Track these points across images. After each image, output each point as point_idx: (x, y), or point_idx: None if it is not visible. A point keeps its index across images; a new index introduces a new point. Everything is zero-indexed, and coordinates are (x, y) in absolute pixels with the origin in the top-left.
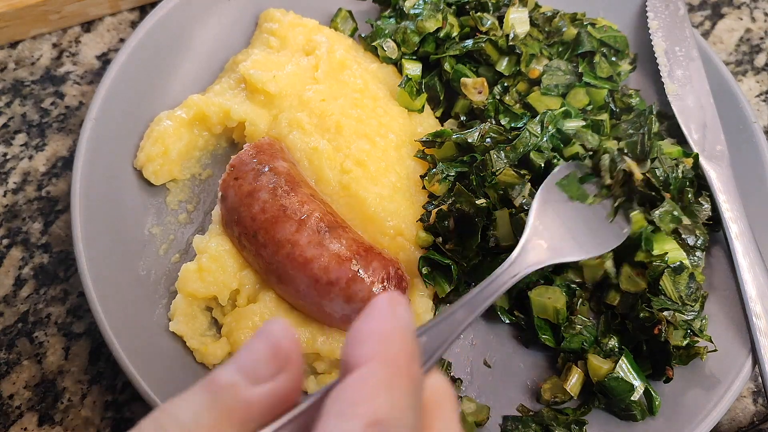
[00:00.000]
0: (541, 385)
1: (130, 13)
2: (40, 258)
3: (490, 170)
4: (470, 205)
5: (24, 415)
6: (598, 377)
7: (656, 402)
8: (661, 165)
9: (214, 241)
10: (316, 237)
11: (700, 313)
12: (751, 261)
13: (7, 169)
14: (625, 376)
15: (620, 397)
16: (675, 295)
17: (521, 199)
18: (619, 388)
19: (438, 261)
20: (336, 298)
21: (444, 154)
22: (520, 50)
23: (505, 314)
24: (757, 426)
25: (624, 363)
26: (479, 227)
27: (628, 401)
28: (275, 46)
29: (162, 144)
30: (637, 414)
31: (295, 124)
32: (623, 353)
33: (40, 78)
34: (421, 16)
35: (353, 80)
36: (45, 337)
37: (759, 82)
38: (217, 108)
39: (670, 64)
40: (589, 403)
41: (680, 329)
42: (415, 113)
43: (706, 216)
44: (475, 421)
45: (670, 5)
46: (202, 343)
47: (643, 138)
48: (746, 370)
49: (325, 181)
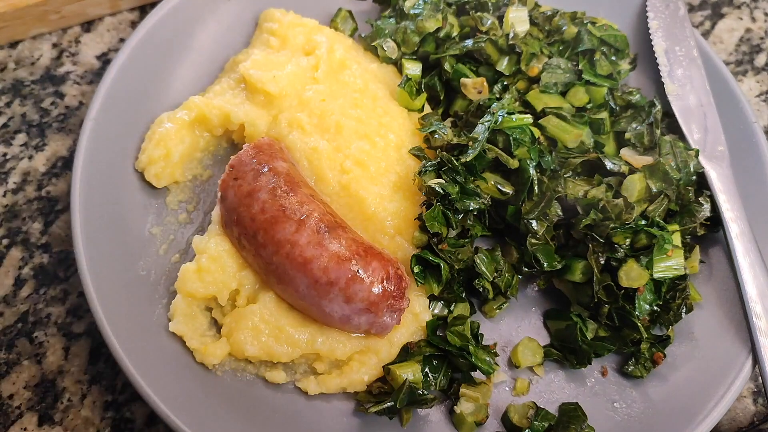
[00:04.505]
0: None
1: (130, 13)
2: (40, 258)
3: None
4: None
5: (24, 415)
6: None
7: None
8: (675, 158)
9: (213, 242)
10: (316, 237)
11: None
12: (751, 261)
13: (7, 169)
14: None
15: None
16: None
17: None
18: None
19: (429, 260)
20: (335, 298)
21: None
22: (520, 49)
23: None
24: (757, 426)
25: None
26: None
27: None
28: (275, 46)
29: (164, 146)
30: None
31: (294, 124)
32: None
33: (40, 78)
34: (421, 16)
35: (353, 80)
36: (45, 337)
37: (759, 82)
38: (218, 110)
39: (670, 64)
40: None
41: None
42: (415, 113)
43: (706, 216)
44: (475, 421)
45: (670, 5)
46: (201, 343)
47: (651, 128)
48: (746, 370)
49: (324, 181)
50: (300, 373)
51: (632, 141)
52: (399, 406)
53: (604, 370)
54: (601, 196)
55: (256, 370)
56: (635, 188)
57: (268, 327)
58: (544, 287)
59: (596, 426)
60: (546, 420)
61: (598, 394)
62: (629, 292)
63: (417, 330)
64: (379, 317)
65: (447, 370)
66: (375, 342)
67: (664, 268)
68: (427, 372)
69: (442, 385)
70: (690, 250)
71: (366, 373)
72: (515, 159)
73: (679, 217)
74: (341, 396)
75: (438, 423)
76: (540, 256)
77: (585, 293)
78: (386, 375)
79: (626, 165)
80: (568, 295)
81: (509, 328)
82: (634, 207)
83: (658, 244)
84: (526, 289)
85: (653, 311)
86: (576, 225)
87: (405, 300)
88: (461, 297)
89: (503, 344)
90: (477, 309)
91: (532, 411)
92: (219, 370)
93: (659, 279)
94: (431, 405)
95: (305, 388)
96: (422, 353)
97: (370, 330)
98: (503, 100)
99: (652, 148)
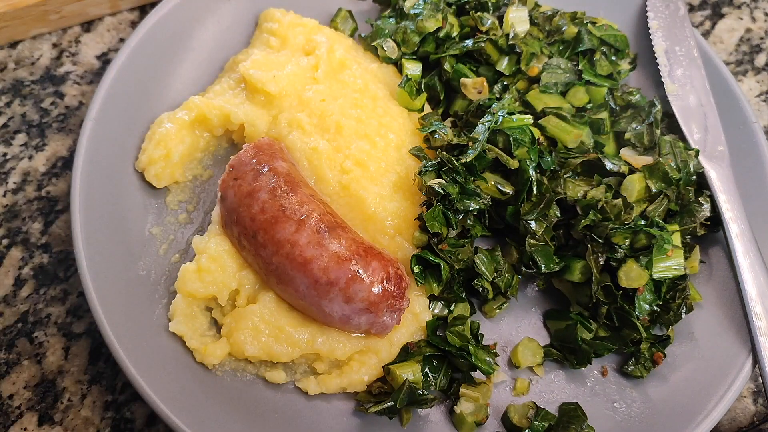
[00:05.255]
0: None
1: (130, 13)
2: (40, 258)
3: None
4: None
5: (24, 415)
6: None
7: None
8: (675, 158)
9: (213, 242)
10: (316, 237)
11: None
12: (751, 261)
13: (7, 169)
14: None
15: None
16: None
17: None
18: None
19: (429, 260)
20: (335, 298)
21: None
22: (521, 49)
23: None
24: (757, 426)
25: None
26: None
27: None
28: (275, 46)
29: (164, 147)
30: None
31: (294, 124)
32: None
33: (40, 78)
34: (421, 16)
35: (353, 80)
36: (45, 337)
37: (759, 82)
38: (218, 110)
39: (670, 64)
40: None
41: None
42: (415, 113)
43: (706, 216)
44: (475, 421)
45: (670, 5)
46: (201, 343)
47: (651, 128)
48: (746, 370)
49: (324, 181)
50: (300, 373)
51: (632, 141)
52: (399, 406)
53: (604, 370)
54: (601, 196)
55: (256, 370)
56: (634, 188)
57: (268, 327)
58: (544, 287)
59: (596, 426)
60: (546, 420)
61: (598, 394)
62: (628, 293)
63: (417, 330)
64: (379, 317)
65: (447, 370)
66: (375, 342)
67: (664, 268)
68: (427, 372)
69: (442, 385)
70: (690, 250)
71: (366, 373)
72: (515, 159)
73: (679, 217)
74: (341, 396)
75: (438, 423)
76: (538, 257)
77: (584, 293)
78: (386, 375)
79: (626, 165)
80: (567, 295)
81: (509, 328)
82: (633, 207)
83: (657, 245)
84: (526, 289)
85: (653, 311)
86: (575, 225)
87: (405, 300)
88: (461, 297)
89: (503, 344)
90: (477, 309)
91: (532, 411)
92: (219, 370)
93: (659, 279)
94: (431, 405)
95: (305, 388)
96: (422, 353)
97: (370, 330)
98: (503, 100)
99: (652, 148)
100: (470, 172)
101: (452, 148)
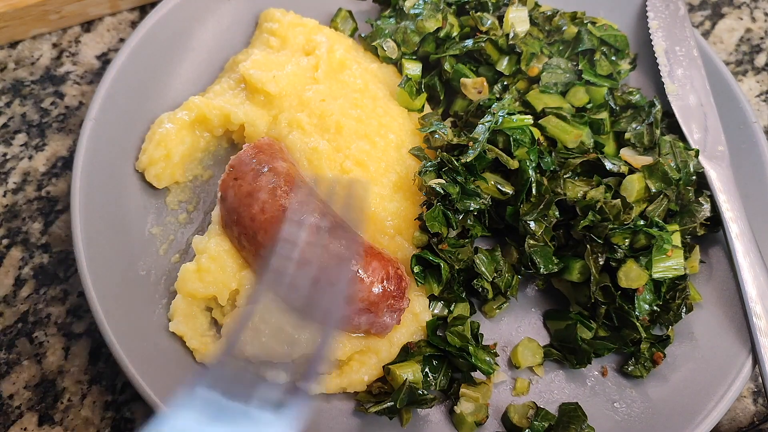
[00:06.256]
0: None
1: (130, 13)
2: (40, 258)
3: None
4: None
5: (24, 415)
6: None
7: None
8: (675, 158)
9: (213, 242)
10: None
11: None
12: (751, 261)
13: (7, 169)
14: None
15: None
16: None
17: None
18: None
19: (429, 260)
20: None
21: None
22: (521, 49)
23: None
24: (757, 426)
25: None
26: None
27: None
28: (275, 46)
29: (164, 147)
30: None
31: (294, 124)
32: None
33: (40, 78)
34: (421, 16)
35: (353, 80)
36: (45, 337)
37: (759, 82)
38: (218, 110)
39: (670, 64)
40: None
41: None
42: (415, 113)
43: (706, 216)
44: (475, 421)
45: (670, 5)
46: (201, 343)
47: (651, 128)
48: (746, 370)
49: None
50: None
51: (632, 141)
52: (399, 406)
53: (604, 370)
54: (600, 196)
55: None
56: (634, 188)
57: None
58: (544, 287)
59: (596, 426)
60: (546, 420)
61: (598, 394)
62: (627, 293)
63: (417, 330)
64: (379, 317)
65: (447, 370)
66: (375, 342)
67: (664, 268)
68: (427, 372)
69: (442, 385)
70: (690, 250)
71: (366, 373)
72: (515, 160)
73: (679, 217)
74: (341, 396)
75: (438, 423)
76: (537, 258)
77: (583, 293)
78: (386, 375)
79: (626, 165)
80: (567, 296)
81: (509, 328)
82: (632, 207)
83: (657, 245)
84: (526, 289)
85: (653, 311)
86: (575, 226)
87: (405, 300)
88: (461, 297)
89: (503, 344)
90: (477, 309)
91: (532, 411)
92: None
93: (659, 279)
94: (431, 405)
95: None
96: (422, 353)
97: (370, 330)
98: (503, 100)
99: (651, 148)
100: (470, 172)
101: (452, 148)
